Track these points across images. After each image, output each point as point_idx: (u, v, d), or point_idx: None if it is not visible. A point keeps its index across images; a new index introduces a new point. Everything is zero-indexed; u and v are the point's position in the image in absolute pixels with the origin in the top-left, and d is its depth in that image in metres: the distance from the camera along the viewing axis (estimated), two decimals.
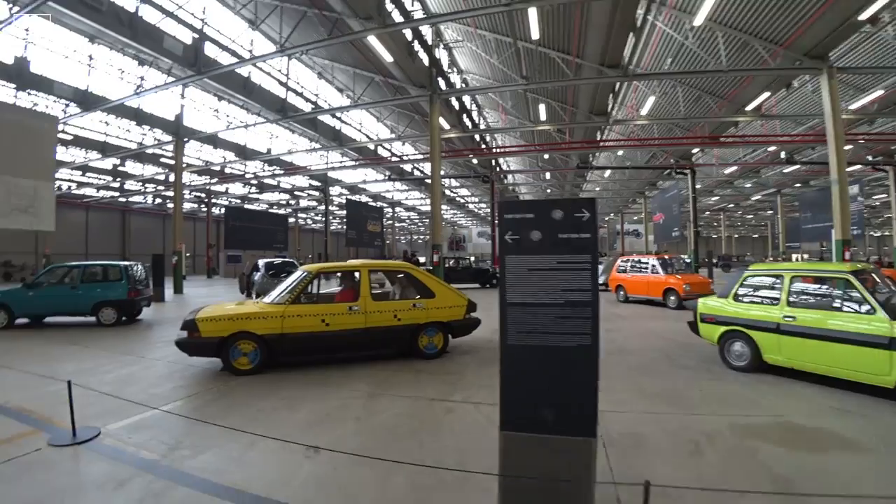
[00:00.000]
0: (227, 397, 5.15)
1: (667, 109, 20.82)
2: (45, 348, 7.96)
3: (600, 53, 15.34)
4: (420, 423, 4.41)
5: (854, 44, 14.87)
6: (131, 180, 30.25)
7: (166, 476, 3.32)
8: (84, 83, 17.45)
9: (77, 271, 10.63)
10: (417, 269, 7.41)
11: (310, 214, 51.41)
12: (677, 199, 25.18)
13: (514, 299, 2.62)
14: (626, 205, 48.88)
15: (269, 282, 15.02)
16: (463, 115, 20.43)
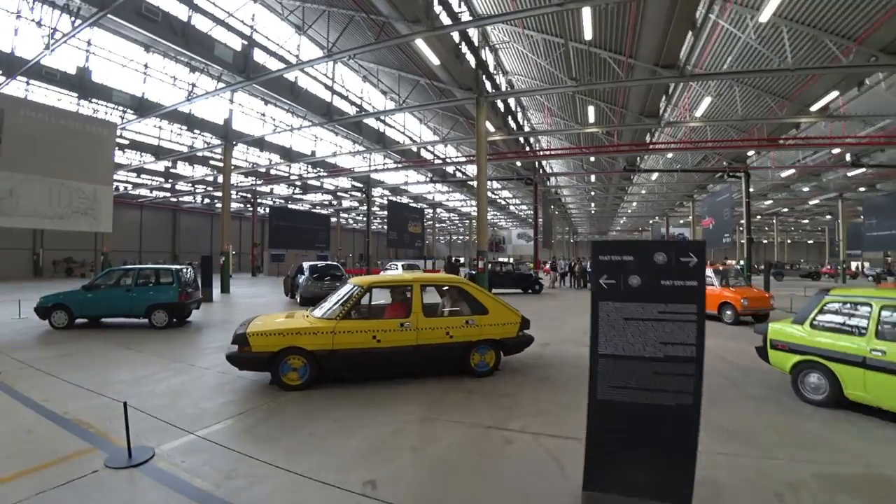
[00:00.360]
0: (278, 416, 5.02)
1: (722, 110, 19.83)
2: (102, 352, 8.15)
3: (655, 53, 14.69)
4: (479, 455, 4.13)
5: None
6: (182, 181, 31.44)
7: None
8: (140, 91, 18.28)
9: (131, 274, 10.95)
10: (470, 283, 7.13)
11: (351, 214, 52.13)
12: (729, 203, 23.99)
13: (607, 350, 2.37)
14: (672, 208, 47.09)
15: (314, 285, 15.15)
16: (508, 116, 20.06)
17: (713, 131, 22.95)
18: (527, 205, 50.29)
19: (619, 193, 41.70)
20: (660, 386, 2.28)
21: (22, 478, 3.55)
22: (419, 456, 4.11)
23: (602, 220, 63.99)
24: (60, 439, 4.28)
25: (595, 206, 51.10)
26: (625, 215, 57.51)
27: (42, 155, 12.43)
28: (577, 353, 8.33)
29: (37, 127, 12.44)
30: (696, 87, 18.73)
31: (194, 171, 29.80)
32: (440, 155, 29.02)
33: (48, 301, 10.46)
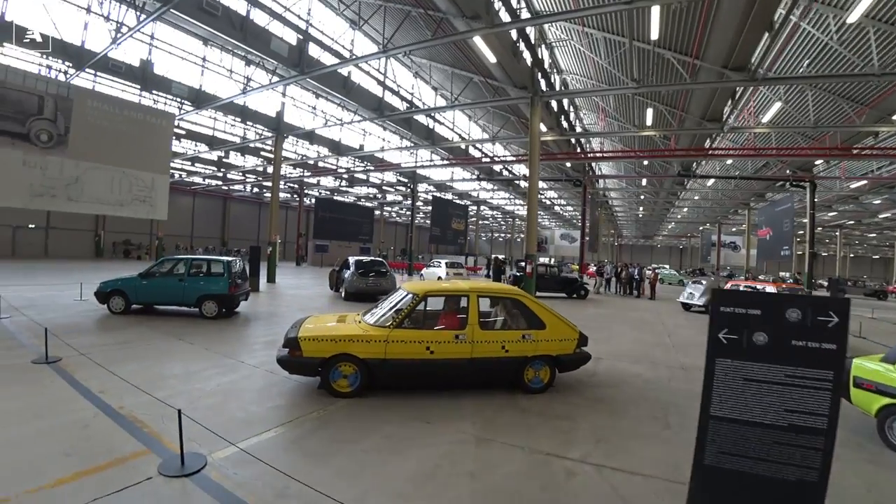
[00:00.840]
0: (328, 427, 4.86)
1: (792, 116, 18.53)
2: (155, 341, 8.29)
3: (724, 55, 13.74)
4: (541, 489, 3.85)
5: None
6: (233, 171, 32.32)
7: None
8: (197, 83, 18.74)
9: (184, 264, 11.17)
10: (528, 296, 6.79)
11: (394, 208, 52.51)
12: (789, 213, 22.52)
13: (721, 412, 2.11)
14: (725, 215, 45.00)
15: (359, 280, 15.18)
16: (561, 116, 19.45)
17: (779, 138, 21.58)
18: (572, 206, 49.28)
19: (669, 198, 40.08)
20: (780, 458, 2.01)
21: (81, 479, 3.53)
22: (477, 485, 3.86)
23: (649, 224, 61.97)
24: (116, 437, 4.28)
25: (643, 210, 49.42)
26: (673, 220, 55.43)
27: (106, 144, 12.89)
28: (633, 372, 7.95)
29: (102, 117, 12.90)
30: (765, 92, 17.58)
31: (245, 161, 30.64)
32: (488, 153, 28.62)
33: (107, 287, 10.82)
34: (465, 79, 17.17)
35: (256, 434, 4.53)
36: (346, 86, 17.31)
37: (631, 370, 8.08)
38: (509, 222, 62.68)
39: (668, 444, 4.89)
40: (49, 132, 12.14)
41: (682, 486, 3.71)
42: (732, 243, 45.11)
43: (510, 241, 65.58)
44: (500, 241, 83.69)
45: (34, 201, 12.07)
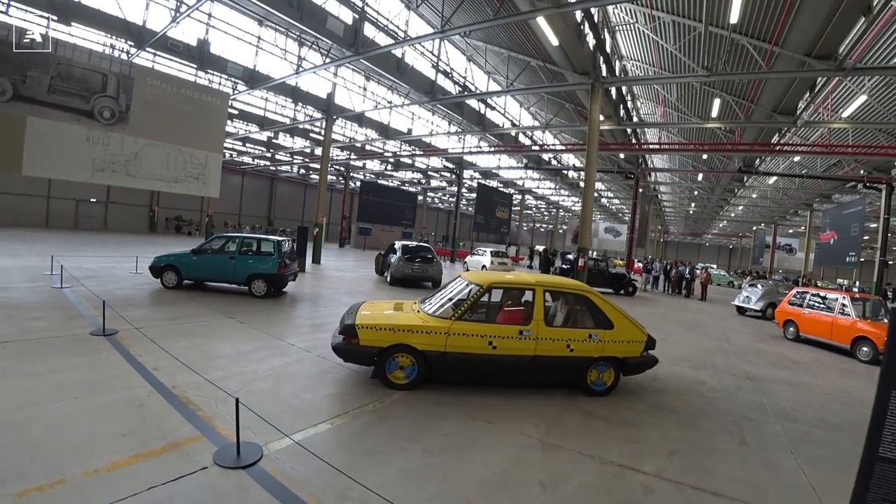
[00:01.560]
0: (387, 422, 4.59)
1: (877, 111, 16.93)
2: (206, 318, 8.26)
3: (809, 42, 12.49)
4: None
5: None
6: (282, 152, 32.71)
7: None
8: (252, 63, 18.76)
9: (235, 243, 11.20)
10: (597, 293, 6.31)
11: (438, 194, 52.25)
12: (860, 217, 20.75)
13: (893, 454, 1.73)
14: (783, 216, 42.45)
15: (405, 265, 15.03)
16: (619, 105, 18.51)
17: (856, 135, 19.85)
18: (620, 198, 47.72)
19: (724, 195, 38.00)
20: None
21: (136, 463, 3.39)
22: (551, 497, 3.55)
23: (699, 221, 59.36)
24: (170, 420, 4.14)
25: (694, 207, 47.27)
26: (726, 219, 52.86)
27: (163, 122, 13.06)
28: (696, 379, 7.51)
29: (160, 95, 13.05)
30: (849, 84, 16.10)
31: (294, 143, 30.94)
32: (538, 141, 27.81)
33: (161, 262, 10.97)
34: (521, 63, 16.47)
35: (312, 425, 4.31)
36: (400, 68, 16.94)
37: (693, 376, 7.64)
38: (552, 213, 61.39)
39: (748, 462, 4.51)
40: (112, 109, 12.35)
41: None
42: (788, 246, 42.62)
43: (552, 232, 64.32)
44: (542, 231, 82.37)
45: (96, 176, 12.35)
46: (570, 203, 54.18)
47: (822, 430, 5.63)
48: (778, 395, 7.03)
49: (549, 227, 70.99)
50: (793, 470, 4.45)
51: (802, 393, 7.34)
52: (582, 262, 14.19)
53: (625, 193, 42.37)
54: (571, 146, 24.55)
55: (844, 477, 4.19)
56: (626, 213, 53.22)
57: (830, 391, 7.64)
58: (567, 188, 41.06)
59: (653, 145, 23.67)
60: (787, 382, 7.92)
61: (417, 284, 15.56)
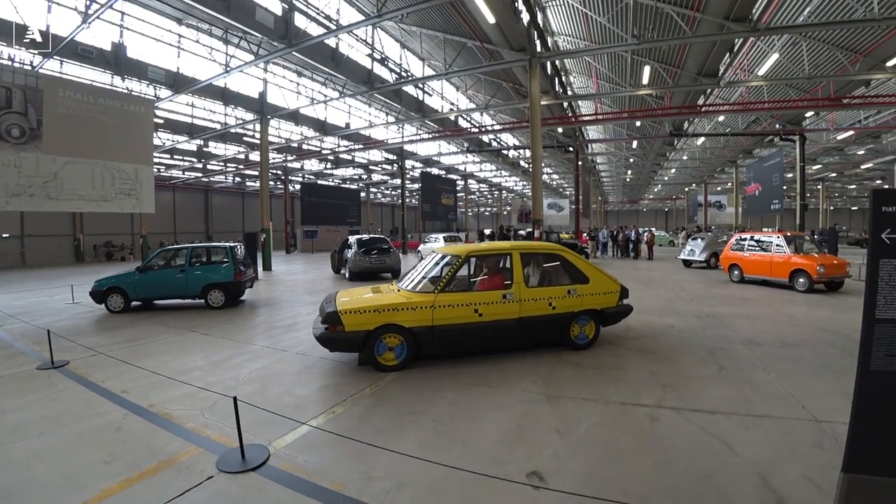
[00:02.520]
0: (388, 402, 4.47)
1: (787, 68, 18.21)
2: (167, 336, 7.70)
3: (726, 7, 13.20)
4: (632, 436, 3.74)
5: None
6: (214, 160, 31.01)
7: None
8: (174, 66, 17.47)
9: (185, 254, 10.53)
10: (569, 250, 6.52)
11: (381, 189, 51.54)
12: (778, 168, 22.47)
13: (888, 315, 2.04)
14: (711, 175, 45.08)
15: (363, 259, 14.71)
16: (554, 80, 18.83)
17: (770, 92, 21.30)
18: (559, 174, 48.93)
19: (658, 160, 39.81)
20: None
21: (131, 487, 3.05)
22: (569, 440, 3.66)
23: (635, 188, 62.08)
24: (156, 437, 3.80)
25: (631, 174, 49.30)
26: (660, 183, 55.54)
27: (83, 136, 12.04)
28: (665, 324, 8.03)
29: (76, 107, 12.00)
30: (761, 45, 17.19)
31: (226, 150, 29.29)
32: (476, 123, 27.92)
33: (103, 285, 10.09)
34: (457, 45, 16.33)
35: (314, 417, 4.12)
36: (335, 58, 16.33)
37: (661, 322, 8.16)
38: (496, 195, 62.18)
39: (730, 383, 4.96)
40: (21, 126, 11.22)
41: (764, 419, 4.02)
42: (718, 202, 45.19)
43: (497, 214, 65.22)
44: (487, 215, 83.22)
45: (11, 202, 11.22)
46: (513, 183, 55.08)
47: (784, 349, 6.31)
48: (739, 327, 7.70)
49: (494, 209, 71.98)
50: (770, 383, 4.94)
51: (758, 323, 8.08)
52: (538, 232, 14.55)
53: (564, 168, 43.50)
54: (511, 125, 24.78)
55: (811, 381, 4.98)
56: (566, 188, 54.76)
57: (781, 318, 8.47)
58: (508, 168, 41.59)
59: (589, 117, 24.33)
60: (744, 316, 8.69)
61: (377, 277, 15.33)
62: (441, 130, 26.82)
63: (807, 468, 3.15)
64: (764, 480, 3.02)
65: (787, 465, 3.22)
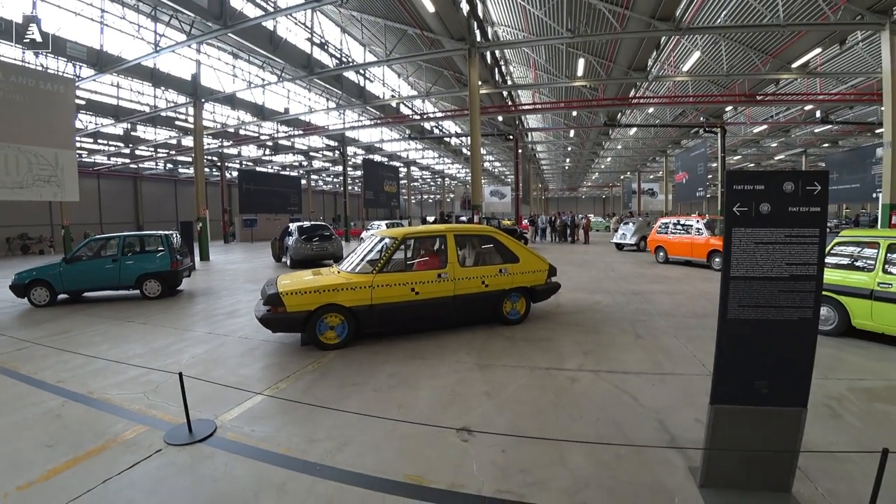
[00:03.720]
0: (330, 376, 4.74)
1: (708, 66, 19.65)
2: (101, 327, 7.48)
3: (653, 5, 14.14)
4: (553, 394, 4.24)
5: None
6: (143, 145, 29.25)
7: (328, 475, 2.93)
8: (97, 42, 16.26)
9: (117, 242, 10.12)
10: (500, 232, 7.01)
11: (322, 176, 50.41)
12: (703, 158, 24.35)
13: (739, 273, 2.58)
14: (644, 164, 47.54)
15: (304, 246, 14.63)
16: (494, 69, 19.27)
17: (695, 87, 22.88)
18: (501, 161, 49.89)
19: (594, 149, 41.53)
20: (784, 303, 2.54)
21: (78, 464, 3.15)
22: (497, 401, 4.10)
23: (574, 176, 64.29)
24: (99, 421, 3.85)
25: (569, 162, 51.04)
26: (597, 171, 57.86)
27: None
28: (593, 300, 8.75)
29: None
30: (685, 43, 18.46)
31: (157, 134, 27.72)
32: (417, 110, 27.99)
33: (24, 277, 9.52)
34: (398, 32, 16.33)
35: (259, 392, 4.31)
36: (273, 41, 15.88)
37: (590, 299, 8.92)
38: (438, 182, 62.48)
39: (644, 349, 5.62)
40: None
41: (669, 376, 4.63)
42: (650, 190, 47.75)
43: (441, 201, 65.65)
44: (430, 202, 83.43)
45: None
46: (455, 171, 55.59)
47: (694, 319, 7.13)
48: (659, 302, 8.56)
49: (437, 197, 72.36)
50: (678, 347, 5.68)
51: (677, 298, 9.00)
52: (477, 218, 15.05)
53: (505, 156, 44.39)
54: (452, 112, 25.07)
55: (712, 344, 5.36)
56: (507, 176, 55.90)
57: (696, 293, 9.48)
58: (451, 156, 41.97)
59: (528, 106, 25.04)
60: (665, 292, 9.64)
61: (319, 264, 15.30)
62: (383, 117, 26.72)
63: (698, 412, 3.67)
64: (662, 424, 3.58)
65: (682, 411, 3.80)
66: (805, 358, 2.56)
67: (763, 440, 2.62)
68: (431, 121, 29.39)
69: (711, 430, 2.68)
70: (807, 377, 2.57)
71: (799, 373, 2.57)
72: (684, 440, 3.31)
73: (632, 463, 3.02)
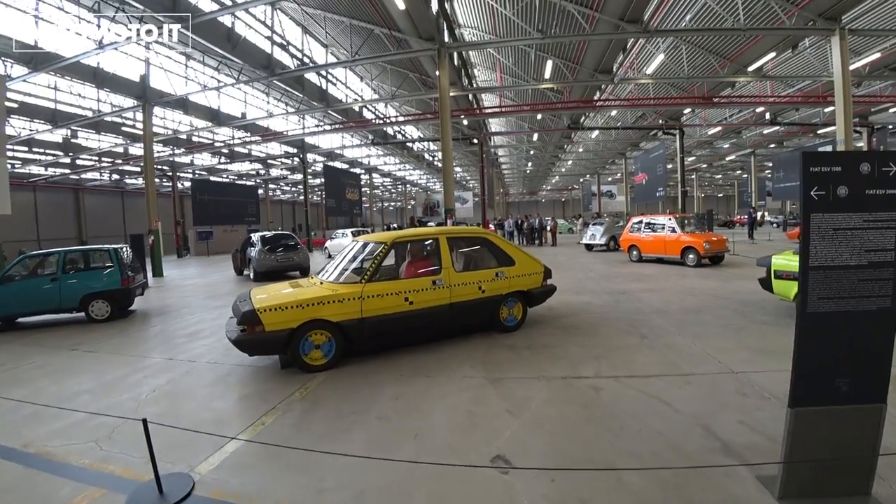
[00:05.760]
0: (323, 405, 4.09)
1: (670, 69, 20.12)
2: (39, 358, 6.39)
3: (622, 8, 14.29)
4: (583, 407, 3.81)
5: (866, 9, 14.83)
6: (85, 154, 27.10)
7: None
8: (30, 37, 14.38)
9: (56, 259, 8.95)
10: (493, 234, 6.62)
11: (280, 185, 48.70)
12: (662, 159, 24.86)
13: (817, 262, 2.34)
14: (603, 166, 48.51)
15: (269, 256, 13.78)
16: (461, 72, 18.91)
17: (656, 90, 23.42)
18: (463, 166, 49.68)
19: (556, 153, 41.98)
20: (864, 292, 2.37)
21: None
22: (523, 420, 3.64)
23: (535, 179, 65.02)
24: (38, 484, 3.03)
25: (531, 166, 51.48)
26: (558, 174, 58.66)
27: None
28: (582, 301, 8.57)
29: None
30: (648, 46, 18.83)
31: (101, 142, 25.64)
32: (381, 115, 27.28)
33: None
34: (364, 31, 15.62)
35: (241, 431, 3.62)
36: (231, 39, 14.86)
37: (578, 300, 8.66)
38: (400, 189, 61.77)
39: (654, 349, 5.36)
40: None
41: (691, 377, 4.38)
42: (609, 192, 48.81)
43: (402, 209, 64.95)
44: (391, 209, 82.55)
45: None
46: (417, 176, 55.12)
47: (690, 316, 7.02)
48: (647, 300, 8.42)
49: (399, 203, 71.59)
50: (687, 346, 5.46)
51: (662, 295, 8.95)
52: (450, 222, 14.64)
53: (467, 161, 44.26)
54: (418, 116, 24.55)
55: (719, 340, 5.60)
56: (469, 181, 55.89)
57: (680, 290, 9.45)
58: (413, 161, 41.40)
59: (493, 109, 24.88)
60: (649, 290, 9.56)
61: (283, 276, 14.45)
62: (345, 121, 25.89)
63: (738, 414, 3.49)
64: (707, 430, 3.28)
65: (721, 414, 3.52)
66: (885, 349, 2.41)
67: (841, 441, 2.45)
68: (395, 125, 28.77)
69: (791, 437, 2.45)
70: (887, 369, 2.42)
71: (879, 366, 2.43)
72: (738, 446, 3.04)
73: (696, 478, 2.68)
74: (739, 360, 4.75)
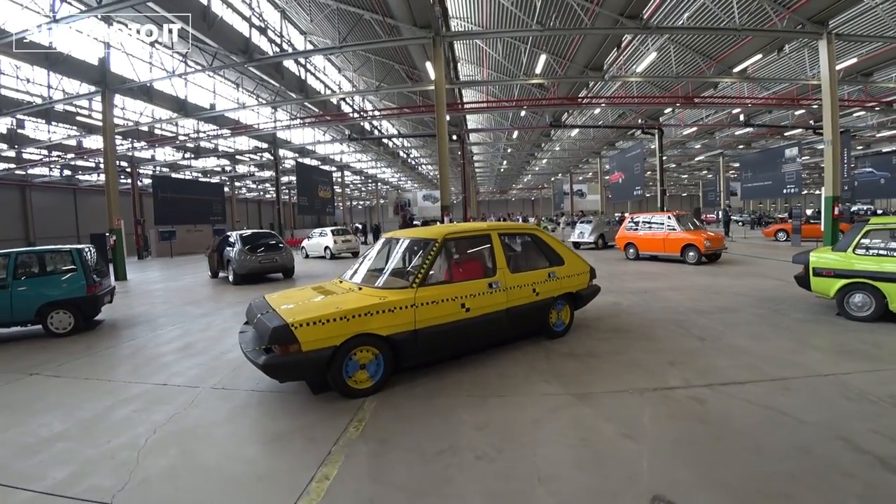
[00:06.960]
0: (395, 445, 3.19)
1: (658, 67, 20.11)
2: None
3: (623, 2, 13.91)
4: (701, 424, 3.31)
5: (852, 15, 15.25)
6: (32, 147, 24.66)
7: None
8: None
9: (4, 263, 7.52)
10: (542, 230, 5.87)
11: (246, 182, 46.48)
12: (640, 158, 24.97)
13: None
14: (576, 165, 48.69)
15: (250, 257, 12.74)
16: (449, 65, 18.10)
17: (639, 89, 23.40)
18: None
19: (532, 151, 41.68)
20: None
21: None
22: (649, 445, 3.05)
23: (507, 178, 64.90)
24: None
25: (506, 165, 51.17)
26: (531, 173, 58.65)
27: None
28: (610, 301, 8.11)
29: None
30: (639, 46, 18.80)
31: (52, 133, 23.30)
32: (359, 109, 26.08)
33: None
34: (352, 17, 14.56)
35: (301, 495, 2.65)
36: (207, 18, 13.45)
37: (605, 300, 8.03)
38: (370, 188, 60.39)
39: (723, 353, 4.97)
40: None
41: (785, 382, 4.02)
42: (579, 191, 49.09)
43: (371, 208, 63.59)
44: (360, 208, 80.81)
45: None
46: (389, 175, 53.99)
47: (728, 315, 6.73)
48: (674, 299, 8.05)
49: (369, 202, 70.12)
50: (753, 347, 5.13)
51: (686, 293, 8.60)
52: (447, 219, 14.09)
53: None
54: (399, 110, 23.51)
55: (778, 340, 5.34)
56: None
57: (699, 287, 9.21)
58: (388, 158, 40.26)
59: (477, 105, 24.26)
60: (670, 288, 9.24)
61: (264, 279, 13.36)
62: (321, 115, 24.60)
63: (863, 422, 3.20)
64: (848, 442, 2.94)
65: (849, 423, 3.19)
66: None
67: None
68: (374, 119, 27.67)
69: None
70: None
71: None
72: (890, 458, 2.73)
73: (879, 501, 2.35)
74: (816, 362, 4.53)
